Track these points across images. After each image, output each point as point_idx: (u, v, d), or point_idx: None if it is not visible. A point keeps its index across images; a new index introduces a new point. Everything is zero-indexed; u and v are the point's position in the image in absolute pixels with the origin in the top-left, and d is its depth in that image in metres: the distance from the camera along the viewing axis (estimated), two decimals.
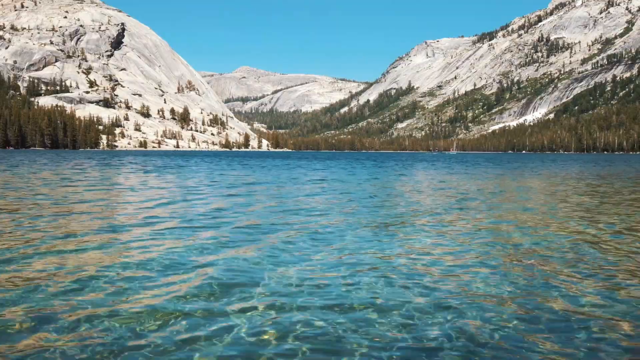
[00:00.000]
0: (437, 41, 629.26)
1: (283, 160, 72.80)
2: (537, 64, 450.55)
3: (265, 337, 4.69)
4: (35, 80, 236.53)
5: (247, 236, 9.59)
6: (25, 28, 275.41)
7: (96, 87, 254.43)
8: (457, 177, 31.85)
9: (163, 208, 13.90)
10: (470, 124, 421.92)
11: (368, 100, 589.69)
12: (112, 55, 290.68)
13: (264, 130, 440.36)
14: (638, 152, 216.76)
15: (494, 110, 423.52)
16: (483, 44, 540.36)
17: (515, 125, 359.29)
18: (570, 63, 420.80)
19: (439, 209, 14.13)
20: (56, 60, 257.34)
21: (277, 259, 7.70)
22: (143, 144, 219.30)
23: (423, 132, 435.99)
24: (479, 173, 37.12)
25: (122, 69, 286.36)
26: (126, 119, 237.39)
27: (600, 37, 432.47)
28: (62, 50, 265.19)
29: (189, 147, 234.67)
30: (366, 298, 5.81)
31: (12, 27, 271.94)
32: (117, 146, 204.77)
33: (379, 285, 6.33)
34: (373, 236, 9.75)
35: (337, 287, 6.21)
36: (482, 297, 5.87)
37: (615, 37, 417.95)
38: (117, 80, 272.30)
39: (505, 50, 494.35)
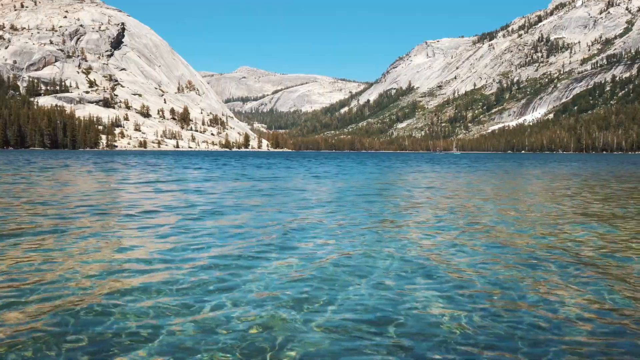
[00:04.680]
0: (437, 41, 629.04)
1: (271, 160, 74.51)
2: (537, 64, 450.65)
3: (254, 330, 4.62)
4: (35, 80, 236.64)
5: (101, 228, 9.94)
6: (25, 28, 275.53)
7: (96, 87, 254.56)
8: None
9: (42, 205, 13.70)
10: (469, 124, 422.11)
11: (368, 101, 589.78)
12: (112, 55, 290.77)
13: (264, 130, 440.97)
14: (637, 152, 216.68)
15: (493, 111, 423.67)
16: (483, 44, 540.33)
17: (514, 125, 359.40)
18: (570, 63, 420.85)
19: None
20: (56, 60, 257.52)
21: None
22: (143, 144, 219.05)
23: (423, 132, 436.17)
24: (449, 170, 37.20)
25: (122, 69, 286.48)
26: (126, 119, 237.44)
27: (600, 37, 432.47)
28: (62, 50, 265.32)
29: (189, 147, 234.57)
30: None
31: (12, 27, 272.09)
32: (116, 146, 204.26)
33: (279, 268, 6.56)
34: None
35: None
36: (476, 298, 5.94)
37: (615, 37, 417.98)
38: (117, 80, 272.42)
39: (505, 50, 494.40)
